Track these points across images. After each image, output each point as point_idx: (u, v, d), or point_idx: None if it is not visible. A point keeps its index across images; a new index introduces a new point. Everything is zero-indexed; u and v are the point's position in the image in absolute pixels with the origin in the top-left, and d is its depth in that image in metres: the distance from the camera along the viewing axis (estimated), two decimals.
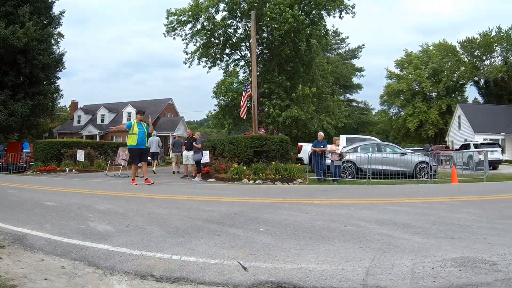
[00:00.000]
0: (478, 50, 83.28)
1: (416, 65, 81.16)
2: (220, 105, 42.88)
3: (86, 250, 6.34)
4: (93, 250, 6.33)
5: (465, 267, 5.32)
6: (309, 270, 5.17)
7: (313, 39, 40.19)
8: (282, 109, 37.26)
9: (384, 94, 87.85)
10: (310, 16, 39.03)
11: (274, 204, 11.41)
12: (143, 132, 18.57)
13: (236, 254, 5.94)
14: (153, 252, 6.12)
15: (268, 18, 35.90)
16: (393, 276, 4.98)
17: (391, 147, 26.62)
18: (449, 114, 76.33)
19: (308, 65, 41.90)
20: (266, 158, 23.07)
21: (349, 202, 12.27)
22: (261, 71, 39.63)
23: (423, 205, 11.32)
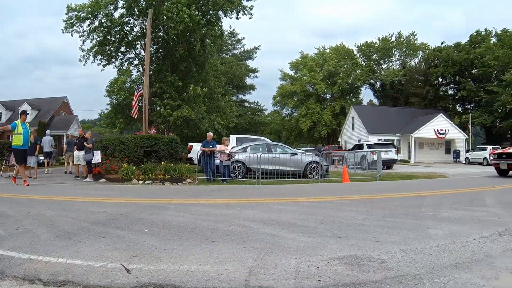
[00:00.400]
0: (376, 54, 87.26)
1: (312, 67, 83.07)
2: (113, 104, 42.08)
3: None
4: None
5: (352, 265, 5.46)
6: (191, 271, 5.21)
7: (208, 39, 40.27)
8: (173, 109, 37.02)
9: (277, 95, 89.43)
10: (207, 16, 38.87)
11: (160, 205, 11.46)
12: (27, 132, 18.48)
13: (120, 256, 5.93)
14: (40, 255, 6.00)
15: (165, 17, 35.55)
16: (277, 276, 5.04)
17: (282, 147, 26.96)
18: (342, 115, 78.60)
19: (201, 65, 41.89)
20: (156, 158, 23.23)
21: (236, 202, 12.39)
22: (154, 70, 39.42)
23: (311, 204, 11.59)
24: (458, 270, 5.36)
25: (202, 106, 40.67)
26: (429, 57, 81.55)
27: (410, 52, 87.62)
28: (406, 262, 5.66)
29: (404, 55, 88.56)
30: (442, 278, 5.00)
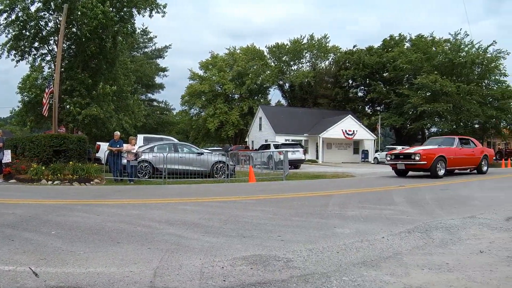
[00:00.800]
0: (286, 56, 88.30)
1: (221, 67, 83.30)
2: (24, 102, 40.96)
3: None
4: None
5: (257, 265, 5.52)
6: (97, 274, 5.17)
7: (120, 37, 39.97)
8: (82, 107, 36.41)
9: (185, 95, 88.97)
10: (120, 13, 38.52)
11: (68, 206, 11.33)
12: None
13: (28, 260, 5.81)
14: None
15: (80, 12, 34.80)
16: (182, 276, 5.06)
17: (188, 147, 27.16)
18: (250, 116, 78.94)
19: (111, 63, 41.30)
20: (65, 158, 22.80)
21: (142, 202, 12.43)
22: (66, 67, 38.44)
23: (216, 204, 11.72)
24: (367, 267, 5.47)
25: (110, 104, 40.21)
26: (340, 60, 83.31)
27: (321, 55, 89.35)
28: (313, 261, 5.75)
29: (315, 57, 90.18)
30: (350, 276, 5.07)
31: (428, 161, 21.71)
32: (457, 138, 25.22)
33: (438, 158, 21.99)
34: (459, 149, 24.00)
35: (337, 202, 11.95)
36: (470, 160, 24.63)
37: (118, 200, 12.93)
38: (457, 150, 23.78)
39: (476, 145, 26.24)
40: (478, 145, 26.81)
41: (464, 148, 24.56)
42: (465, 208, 10.93)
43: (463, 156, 24.00)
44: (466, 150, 24.67)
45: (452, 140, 25.12)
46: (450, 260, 5.85)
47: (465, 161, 24.25)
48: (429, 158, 21.83)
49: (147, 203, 11.98)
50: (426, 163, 21.72)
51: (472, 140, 26.74)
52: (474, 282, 4.94)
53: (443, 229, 7.96)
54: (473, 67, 58.86)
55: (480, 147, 26.70)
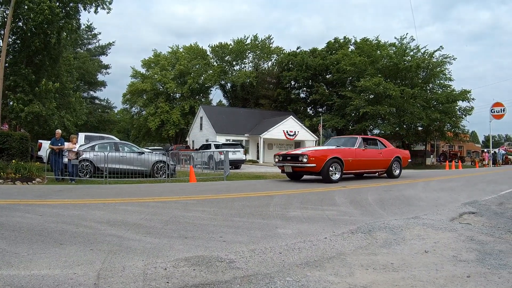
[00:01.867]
0: (229, 56, 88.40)
1: (163, 66, 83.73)
2: None
3: None
4: None
5: (199, 266, 5.58)
6: (41, 276, 5.10)
7: (65, 33, 39.43)
8: (25, 104, 35.81)
9: (127, 93, 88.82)
10: (66, 8, 38.14)
11: (10, 206, 11.21)
12: None
13: None
14: None
15: (27, 7, 34.44)
16: (125, 278, 5.07)
17: (129, 146, 27.13)
18: (191, 115, 79.24)
19: (55, 59, 40.74)
20: (7, 156, 22.76)
21: (83, 202, 12.30)
22: (10, 62, 37.86)
23: (157, 205, 11.69)
24: (310, 268, 5.59)
25: (53, 102, 39.41)
26: (283, 61, 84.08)
27: (264, 55, 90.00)
28: (255, 261, 5.85)
29: (258, 57, 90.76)
30: (293, 277, 5.17)
31: (317, 164, 19.85)
32: (359, 138, 22.93)
33: (332, 160, 20.09)
34: (362, 150, 22.11)
35: (279, 202, 12.11)
36: (377, 162, 22.92)
37: (60, 200, 12.77)
38: (358, 151, 21.89)
39: (386, 146, 24.39)
40: (388, 146, 24.96)
41: (368, 149, 22.75)
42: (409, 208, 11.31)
43: (366, 158, 22.22)
44: (371, 151, 22.91)
45: (354, 140, 22.92)
46: (394, 260, 6.06)
47: (369, 163, 22.52)
48: (319, 160, 19.96)
49: (88, 204, 11.87)
50: (315, 165, 19.82)
51: (380, 141, 24.86)
52: (420, 281, 5.13)
53: (386, 230, 8.18)
54: (418, 71, 60.46)
55: (390, 148, 24.89)
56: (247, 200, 13.03)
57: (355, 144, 22.24)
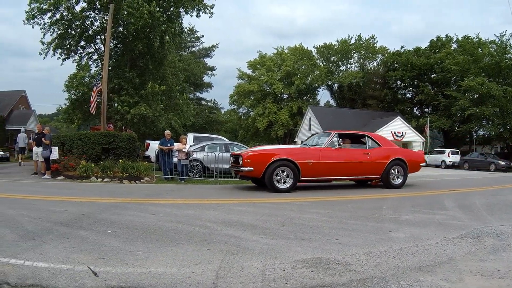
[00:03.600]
0: (334, 56, 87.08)
1: (269, 67, 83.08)
2: (71, 99, 41.46)
3: None
4: None
5: (317, 268, 5.48)
6: (158, 274, 5.16)
7: (168, 36, 40.07)
8: (130, 106, 36.75)
9: (234, 94, 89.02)
10: (167, 13, 38.84)
11: (121, 205, 11.33)
12: None
13: (86, 259, 5.84)
14: (6, 257, 5.83)
15: (126, 12, 35.16)
16: (244, 278, 5.04)
17: (239, 147, 26.77)
18: (299, 116, 78.94)
19: (160, 62, 41.61)
20: (114, 156, 23.02)
21: (196, 202, 12.36)
22: (113, 65, 38.92)
23: (271, 206, 11.55)
24: (423, 272, 5.41)
25: (159, 104, 40.47)
26: (388, 61, 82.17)
27: (369, 55, 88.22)
28: (371, 264, 5.71)
29: (363, 58, 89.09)
30: (407, 281, 5.04)
31: (255, 167, 15.74)
32: (333, 134, 17.38)
33: (277, 163, 15.68)
34: (334, 150, 16.88)
35: (391, 205, 11.86)
36: (359, 167, 17.43)
37: (171, 199, 12.90)
38: (326, 151, 16.77)
39: (380, 145, 18.23)
40: (385, 144, 18.65)
41: (345, 149, 17.52)
42: None
43: (340, 161, 16.87)
44: (351, 151, 17.74)
45: (326, 137, 17.91)
46: (501, 266, 5.77)
47: (346, 168, 17.15)
48: (258, 163, 15.83)
49: (201, 203, 11.93)
50: (253, 169, 15.73)
51: (372, 138, 18.73)
52: None
53: (494, 236, 7.81)
54: None
55: (386, 148, 18.42)
56: (360, 202, 12.92)
57: (325, 142, 17.15)
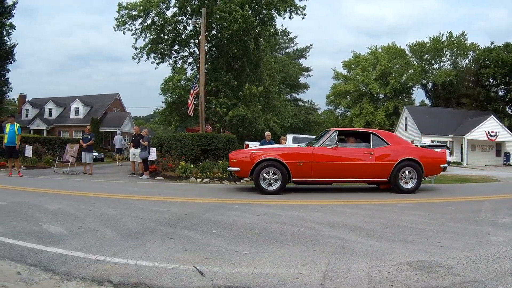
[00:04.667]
0: (427, 54, 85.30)
1: (364, 66, 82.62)
2: (168, 102, 42.28)
3: (41, 254, 6.17)
4: (47, 254, 6.16)
5: (421, 270, 5.40)
6: (266, 275, 5.20)
7: (262, 39, 40.39)
8: (228, 108, 37.24)
9: (330, 94, 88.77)
10: (260, 15, 39.03)
11: (224, 205, 11.34)
12: (13, 131, 20.76)
13: (191, 258, 5.93)
14: (108, 256, 6.03)
15: (218, 16, 35.88)
16: (350, 280, 5.02)
17: None
18: (395, 116, 77.62)
19: (256, 64, 41.87)
20: (213, 157, 23.14)
21: (299, 203, 12.24)
22: (208, 68, 39.40)
23: (374, 207, 11.38)
24: None
25: (257, 105, 40.72)
26: (479, 58, 79.19)
27: (460, 53, 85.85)
28: (471, 268, 5.60)
29: (455, 55, 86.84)
30: (506, 285, 4.95)
31: (242, 167, 15.13)
32: (331, 131, 15.81)
33: (265, 163, 14.81)
34: (330, 149, 15.21)
35: (489, 208, 11.44)
36: (359, 168, 15.39)
37: (274, 200, 12.77)
38: (320, 151, 15.21)
39: (389, 143, 15.80)
40: (394, 143, 16.13)
41: (343, 148, 15.60)
42: None
43: (336, 162, 15.16)
44: (350, 151, 15.68)
45: (324, 135, 16.21)
46: None
47: (343, 168, 15.29)
48: (244, 162, 15.15)
49: (304, 204, 11.86)
50: (239, 169, 15.16)
51: (379, 135, 16.07)
52: None
53: None
54: None
55: (395, 147, 15.81)
56: (458, 204, 12.51)
57: (320, 141, 15.62)
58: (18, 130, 21.03)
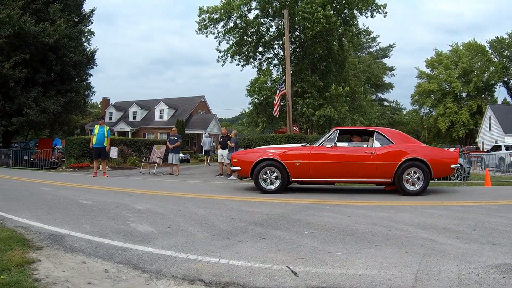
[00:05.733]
0: (507, 51, 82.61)
1: (447, 65, 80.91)
2: (254, 104, 42.84)
3: (130, 252, 6.32)
4: (137, 252, 6.31)
5: (508, 274, 5.27)
6: (358, 276, 5.14)
7: (346, 39, 40.37)
8: (315, 108, 37.18)
9: (415, 94, 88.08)
10: (342, 15, 38.89)
11: (315, 206, 11.24)
12: (102, 134, 21.32)
13: (284, 258, 5.89)
14: (199, 255, 6.07)
15: (300, 17, 35.93)
16: (441, 282, 4.94)
17: None
18: (479, 115, 75.64)
19: (341, 64, 41.75)
20: None
21: (388, 204, 12.04)
22: (293, 70, 39.35)
23: (461, 209, 11.06)
24: None
25: (344, 106, 40.58)
26: None
27: None
28: None
29: None
30: None
31: (242, 167, 15.33)
32: (332, 131, 15.52)
33: (263, 163, 14.88)
34: (327, 149, 14.82)
35: None
36: (359, 168, 14.71)
37: (364, 201, 12.66)
38: (318, 150, 14.88)
39: (393, 142, 14.96)
40: (399, 142, 15.16)
41: (343, 147, 15.21)
42: None
43: (333, 162, 14.71)
44: (348, 150, 15.12)
45: (326, 134, 16.20)
46: None
47: (341, 168, 14.75)
48: (244, 162, 15.31)
49: (393, 205, 11.71)
50: (240, 169, 15.41)
51: (383, 134, 15.32)
52: None
53: None
54: None
55: (401, 146, 14.89)
56: None
57: (320, 140, 15.48)
58: (107, 133, 21.69)
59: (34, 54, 34.43)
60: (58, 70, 36.66)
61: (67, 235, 7.41)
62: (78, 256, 6.14)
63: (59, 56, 36.11)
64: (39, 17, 34.94)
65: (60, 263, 5.76)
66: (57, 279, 5.11)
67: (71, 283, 5.00)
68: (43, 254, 6.16)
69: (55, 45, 34.73)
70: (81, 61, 38.98)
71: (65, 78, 38.26)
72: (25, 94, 34.04)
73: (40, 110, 34.46)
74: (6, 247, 6.38)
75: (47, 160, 33.02)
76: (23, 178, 21.22)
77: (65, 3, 37.99)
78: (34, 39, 33.23)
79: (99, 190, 15.28)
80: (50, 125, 41.29)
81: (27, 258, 5.83)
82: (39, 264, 5.67)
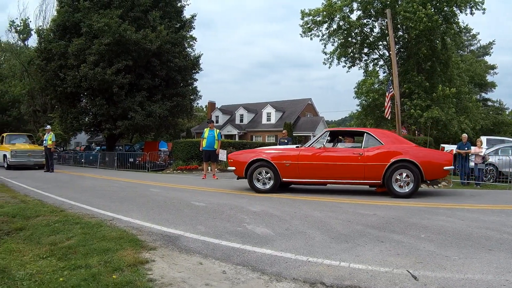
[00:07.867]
0: None
1: None
2: (363, 105, 42.97)
3: (248, 254, 6.41)
4: (255, 254, 6.40)
5: None
6: (475, 281, 5.11)
7: (448, 37, 39.67)
8: (423, 110, 36.89)
9: None
10: (442, 13, 38.21)
11: (428, 209, 11.09)
12: (212, 137, 21.76)
13: (403, 262, 5.90)
14: (319, 258, 6.13)
15: (402, 17, 35.80)
16: None
17: None
18: None
19: (445, 64, 41.05)
20: None
21: (499, 208, 11.76)
22: (399, 70, 38.70)
23: None
24: None
25: (451, 107, 39.94)
26: None
27: None
28: None
29: None
30: None
31: (237, 167, 15.73)
32: (323, 132, 15.70)
33: (256, 163, 15.21)
34: (316, 150, 14.86)
35: None
36: (347, 169, 14.44)
37: (475, 204, 12.35)
38: (306, 151, 15.01)
39: (383, 143, 14.58)
40: (389, 142, 14.77)
41: (329, 149, 15.15)
42: None
43: (321, 163, 14.68)
44: (336, 151, 15.10)
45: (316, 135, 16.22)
46: None
47: (329, 169, 14.60)
48: (239, 162, 15.70)
49: (504, 209, 11.38)
50: (235, 169, 15.79)
51: (372, 134, 14.99)
52: None
53: None
54: None
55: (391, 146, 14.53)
56: None
57: (311, 142, 15.70)
58: (218, 136, 22.23)
59: (137, 60, 35.17)
60: (163, 75, 37.31)
61: (182, 236, 7.65)
62: (194, 257, 6.32)
63: (163, 61, 36.78)
64: (139, 25, 35.69)
65: (176, 264, 5.98)
66: (173, 279, 5.30)
67: (188, 284, 5.18)
68: (157, 255, 6.41)
69: (158, 51, 35.34)
70: (186, 66, 39.46)
71: (170, 82, 38.92)
72: (130, 99, 34.75)
73: (146, 114, 35.13)
74: (117, 247, 6.70)
75: (153, 162, 33.98)
76: (130, 179, 21.92)
77: (165, 10, 38.65)
78: (135, 46, 33.92)
79: (210, 192, 15.55)
80: (156, 128, 42.17)
81: (140, 258, 6.11)
82: (153, 265, 5.91)
